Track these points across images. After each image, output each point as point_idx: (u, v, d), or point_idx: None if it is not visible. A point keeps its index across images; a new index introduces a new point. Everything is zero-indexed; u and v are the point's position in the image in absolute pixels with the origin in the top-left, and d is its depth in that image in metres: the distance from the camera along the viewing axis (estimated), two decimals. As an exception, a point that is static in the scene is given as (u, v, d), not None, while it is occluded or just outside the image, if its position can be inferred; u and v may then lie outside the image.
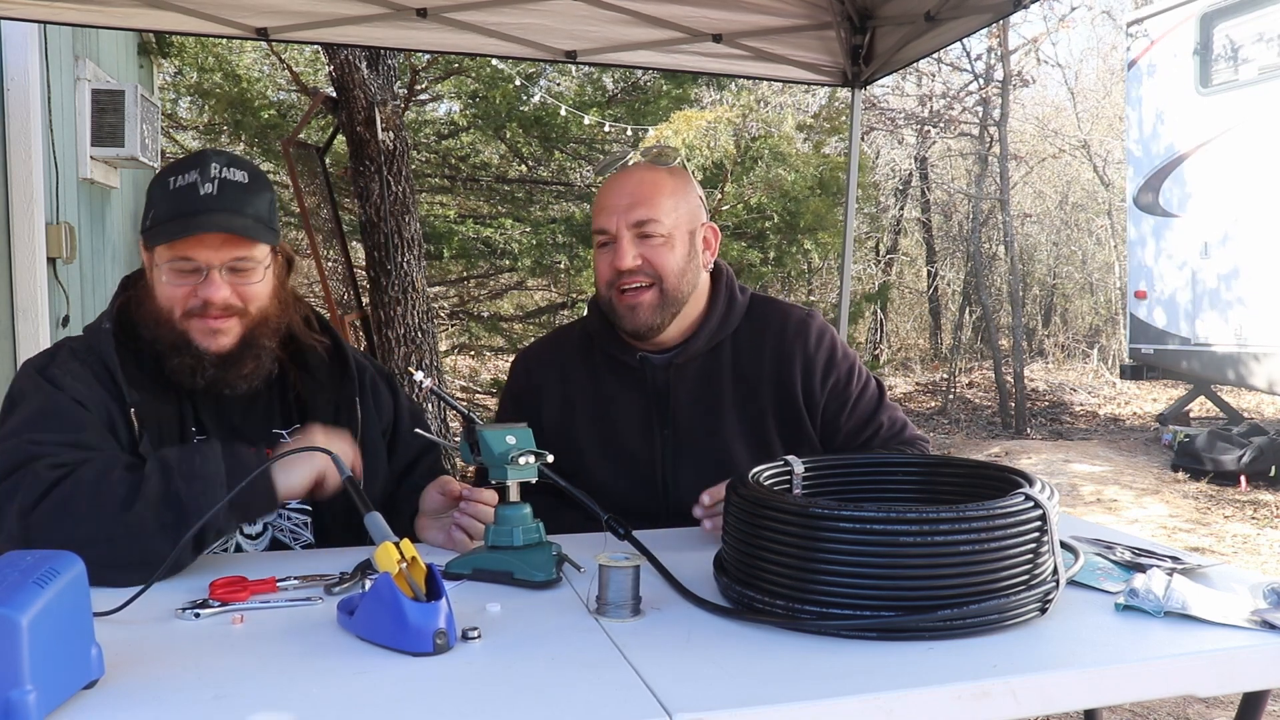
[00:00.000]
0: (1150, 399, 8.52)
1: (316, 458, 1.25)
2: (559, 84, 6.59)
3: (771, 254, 5.98)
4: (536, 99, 6.12)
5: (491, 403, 6.77)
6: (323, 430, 1.35)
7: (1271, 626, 1.05)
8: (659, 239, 1.53)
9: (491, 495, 1.37)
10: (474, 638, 1.01)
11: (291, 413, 1.49)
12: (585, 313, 1.75)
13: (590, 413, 1.63)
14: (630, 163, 1.60)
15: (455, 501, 1.41)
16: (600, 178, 1.45)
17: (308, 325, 1.52)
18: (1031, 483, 1.13)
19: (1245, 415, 7.22)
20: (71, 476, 1.20)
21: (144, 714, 0.85)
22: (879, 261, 10.68)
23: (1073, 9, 8.85)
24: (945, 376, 8.90)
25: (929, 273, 11.11)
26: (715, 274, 1.65)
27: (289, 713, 0.84)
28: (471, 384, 7.55)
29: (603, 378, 1.64)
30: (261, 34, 2.73)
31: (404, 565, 1.01)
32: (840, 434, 1.62)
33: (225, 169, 1.37)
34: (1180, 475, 5.93)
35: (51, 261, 3.94)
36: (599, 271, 1.59)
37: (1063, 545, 1.21)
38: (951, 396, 8.60)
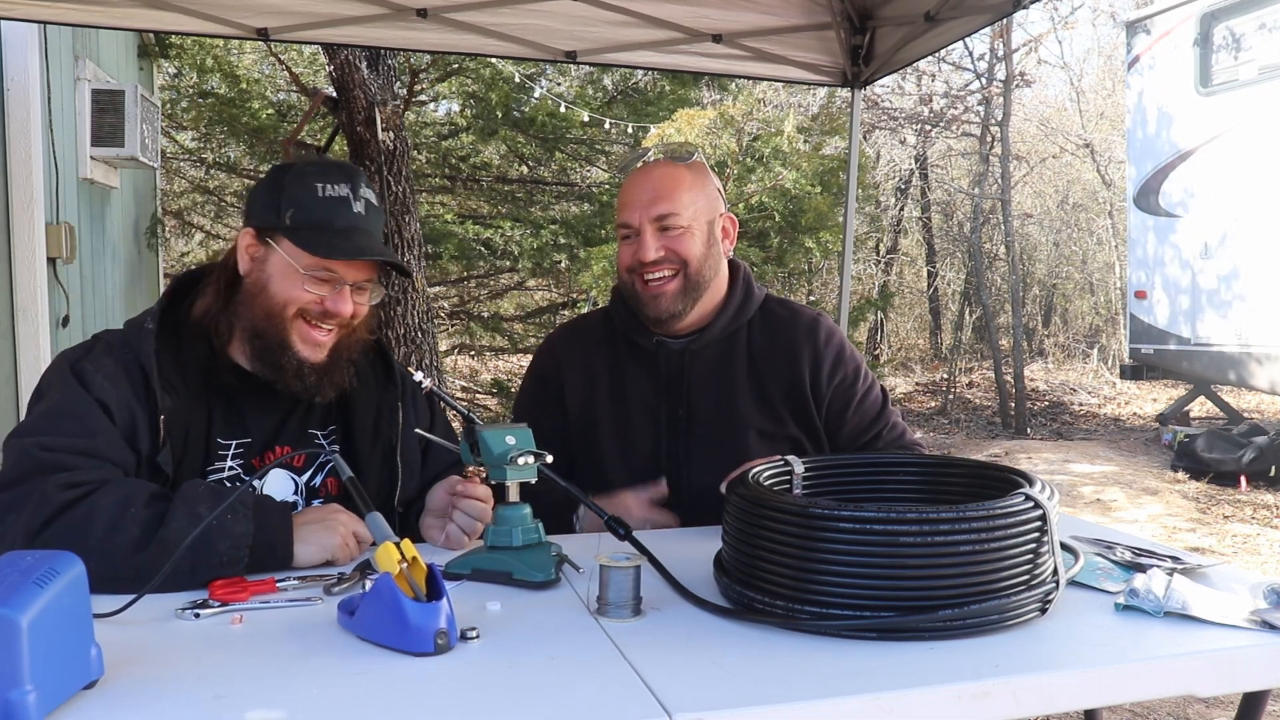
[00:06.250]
0: (1150, 399, 8.52)
1: (332, 539, 1.27)
2: (559, 84, 6.58)
3: (773, 253, 5.96)
4: (538, 94, 6.11)
5: (493, 403, 6.76)
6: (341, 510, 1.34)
7: (1271, 626, 1.05)
8: (679, 230, 1.60)
9: (485, 490, 1.37)
10: (473, 638, 1.01)
11: (332, 413, 1.49)
12: (587, 309, 1.78)
13: (609, 393, 1.68)
14: (650, 159, 1.63)
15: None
16: (621, 175, 1.51)
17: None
18: (1032, 483, 1.13)
19: (1245, 415, 7.22)
20: (85, 502, 1.17)
21: (144, 714, 0.85)
22: (879, 261, 10.68)
23: (1074, 9, 8.84)
24: (945, 376, 8.90)
25: (929, 272, 11.10)
26: (733, 269, 1.72)
27: (289, 713, 0.84)
28: (472, 384, 7.52)
29: (622, 359, 1.70)
30: (261, 34, 2.72)
31: (404, 565, 1.01)
32: (845, 429, 1.67)
33: (366, 188, 1.40)
34: (1180, 475, 5.93)
35: (51, 261, 3.94)
36: (620, 258, 1.66)
37: (1063, 546, 1.21)
38: (951, 396, 8.60)
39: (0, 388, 3.64)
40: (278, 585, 1.19)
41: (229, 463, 1.39)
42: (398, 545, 1.02)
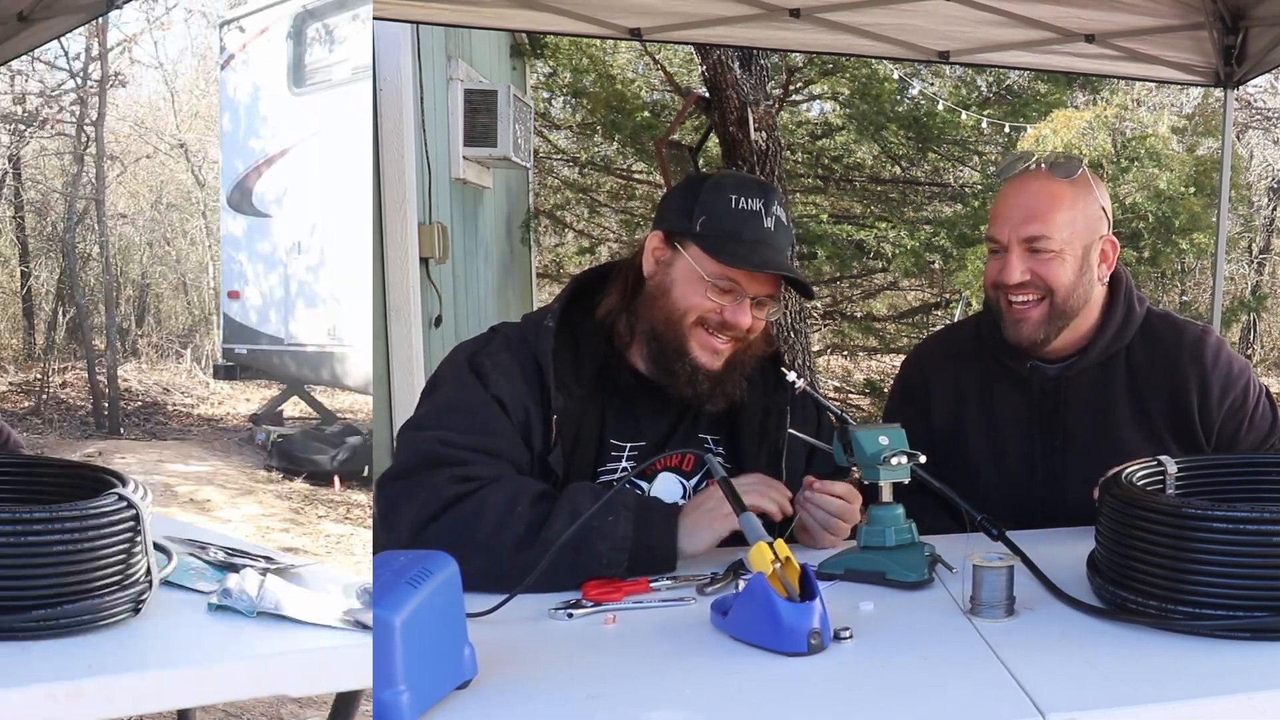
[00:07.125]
0: (245, 399, 8.04)
1: (718, 522, 1.23)
2: (932, 84, 6.35)
3: (1146, 253, 5.67)
4: (914, 92, 6.01)
5: (866, 403, 6.01)
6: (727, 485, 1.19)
7: (363, 626, 1.03)
8: (1049, 254, 1.47)
9: (843, 487, 1.33)
10: (846, 638, 0.98)
11: (721, 419, 1.45)
12: (958, 314, 2.35)
13: (979, 411, 1.61)
14: (1031, 168, 1.50)
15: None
16: (999, 178, 2.05)
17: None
18: (125, 483, 1.09)
19: (339, 415, 6.84)
20: (474, 497, 1.18)
21: (517, 714, 0.85)
22: (1252, 262, 9.36)
23: (169, 9, 8.90)
24: (40, 377, 8.27)
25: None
26: (1114, 282, 1.57)
27: (662, 712, 0.83)
28: (845, 384, 6.41)
29: (993, 378, 1.61)
30: (635, 34, 2.63)
31: (778, 565, 0.98)
32: (1238, 450, 1.55)
33: (779, 206, 1.39)
34: (275, 475, 5.57)
35: (424, 261, 3.76)
36: (987, 272, 1.56)
37: (156, 546, 1.14)
38: (45, 397, 7.63)
39: (373, 388, 3.55)
40: (651, 585, 1.15)
41: (624, 463, 1.38)
42: (771, 545, 0.99)
